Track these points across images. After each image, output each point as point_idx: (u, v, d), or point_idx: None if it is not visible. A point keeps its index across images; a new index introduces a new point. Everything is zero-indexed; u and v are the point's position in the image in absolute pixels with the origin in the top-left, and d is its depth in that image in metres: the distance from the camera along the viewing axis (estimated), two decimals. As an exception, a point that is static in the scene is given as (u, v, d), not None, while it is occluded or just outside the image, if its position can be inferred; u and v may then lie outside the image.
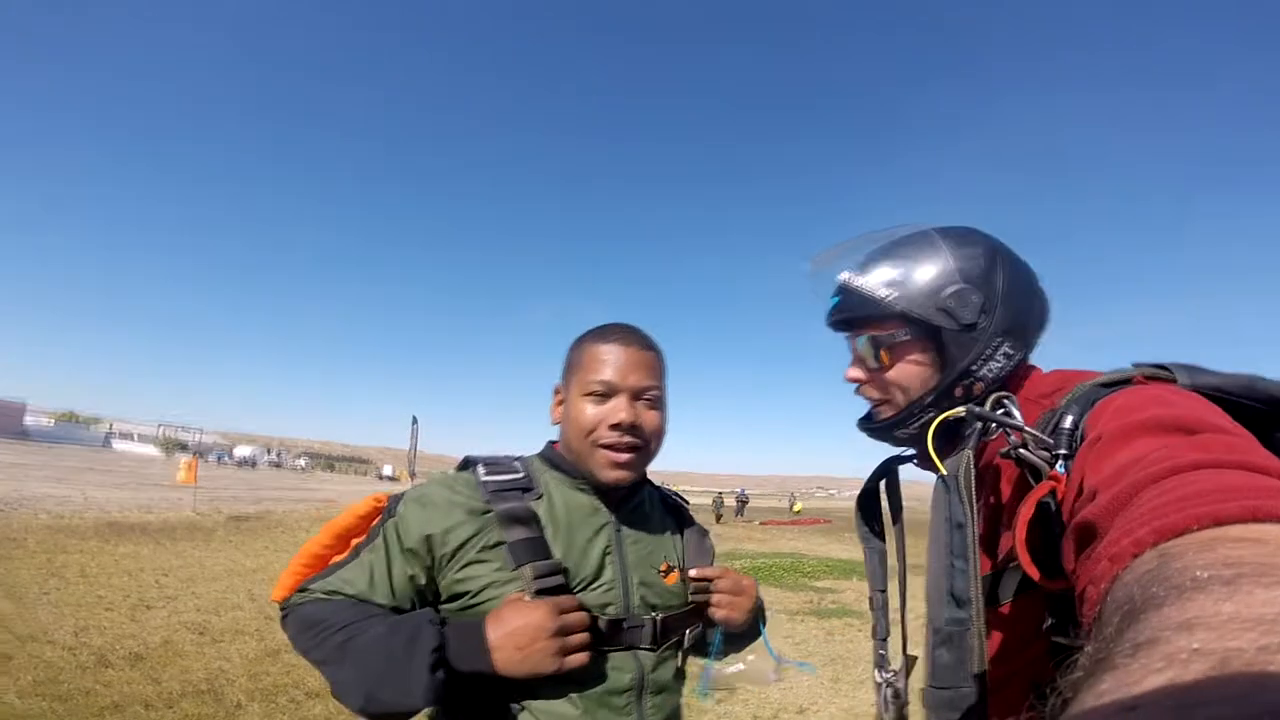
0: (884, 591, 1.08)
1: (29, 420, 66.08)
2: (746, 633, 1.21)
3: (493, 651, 0.92)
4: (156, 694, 3.39)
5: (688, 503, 1.34)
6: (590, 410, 1.06)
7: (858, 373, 0.99)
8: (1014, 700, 0.76)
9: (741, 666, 1.23)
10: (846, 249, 1.00)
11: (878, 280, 0.92)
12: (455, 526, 1.00)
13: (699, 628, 1.16)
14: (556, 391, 1.16)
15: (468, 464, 1.12)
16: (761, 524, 27.57)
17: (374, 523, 1.07)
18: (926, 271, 0.90)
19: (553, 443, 1.17)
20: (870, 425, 1.02)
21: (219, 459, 70.78)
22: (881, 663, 1.05)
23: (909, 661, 1.05)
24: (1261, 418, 0.68)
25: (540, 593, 0.98)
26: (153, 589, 6.10)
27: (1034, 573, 0.67)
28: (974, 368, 0.89)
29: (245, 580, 7.07)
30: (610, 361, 1.08)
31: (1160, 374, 0.75)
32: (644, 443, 1.09)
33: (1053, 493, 0.69)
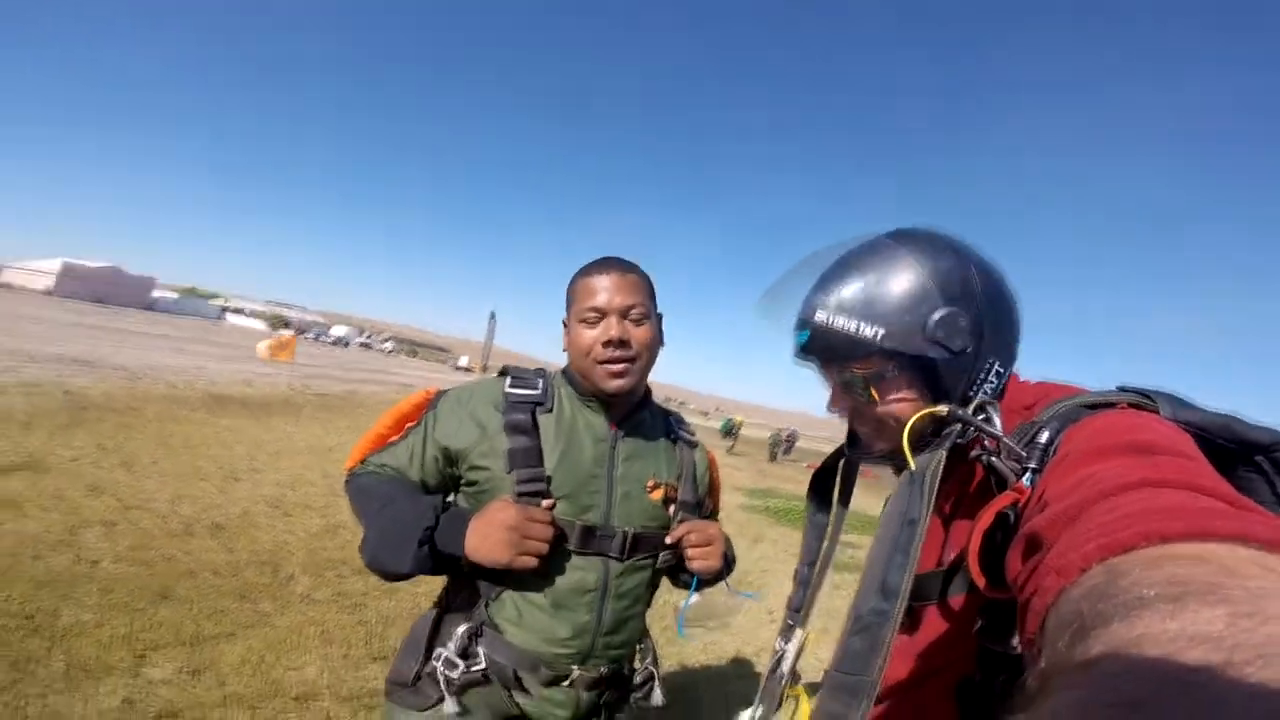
0: (811, 565, 1.12)
1: (156, 294, 72.50)
2: (719, 573, 1.35)
3: (465, 537, 1.13)
4: (226, 563, 3.97)
5: (685, 424, 1.50)
6: (587, 333, 1.24)
7: (842, 406, 0.96)
8: (932, 697, 0.83)
9: (696, 598, 1.36)
10: (800, 275, 0.94)
11: (856, 316, 0.85)
12: (470, 437, 1.24)
13: (671, 555, 1.31)
14: (564, 323, 1.32)
15: (504, 373, 1.33)
16: (807, 466, 26.42)
17: (422, 412, 1.30)
18: (906, 296, 0.84)
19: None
20: (862, 454, 1.00)
21: (317, 337, 76.32)
22: (786, 632, 1.10)
23: (803, 638, 1.08)
24: (1233, 456, 0.70)
25: (521, 494, 1.17)
26: (243, 461, 6.82)
27: (981, 581, 0.70)
28: (970, 393, 0.87)
29: (321, 458, 7.81)
30: (597, 289, 1.24)
31: (1144, 402, 0.75)
32: (635, 354, 1.25)
33: (1014, 504, 0.70)
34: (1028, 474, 0.71)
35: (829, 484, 1.13)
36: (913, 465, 0.77)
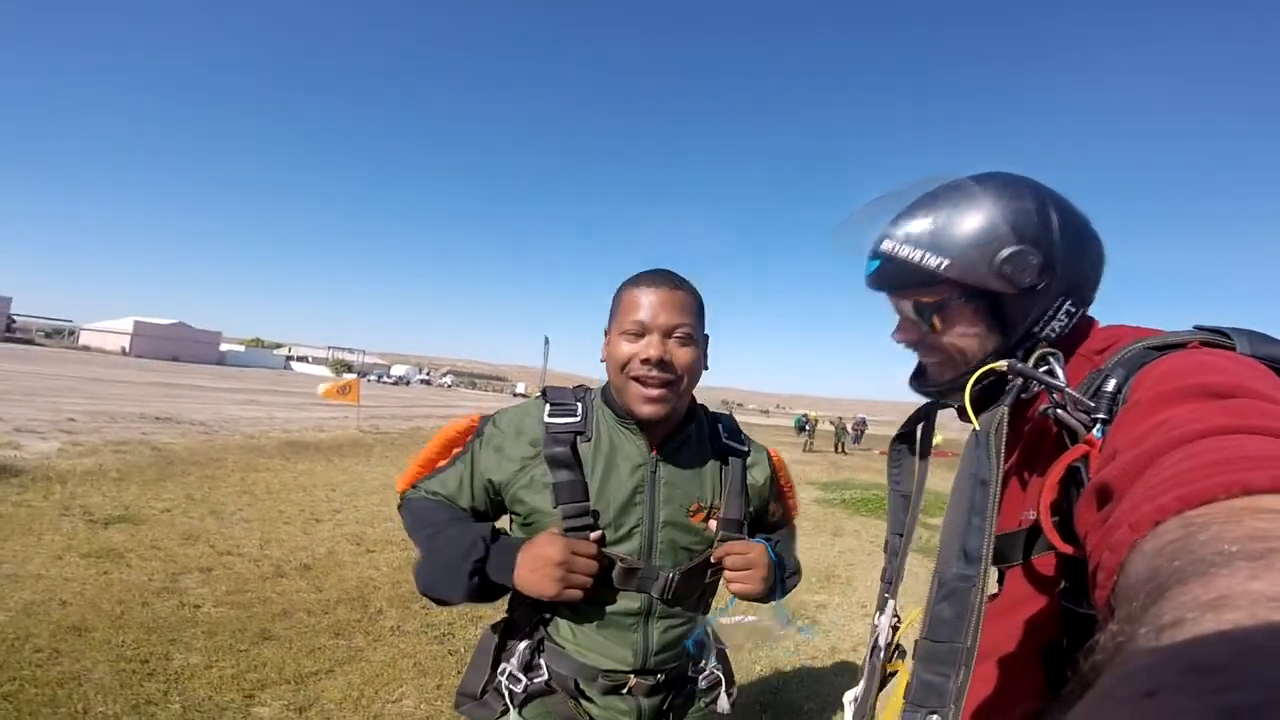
0: (901, 535, 1.09)
1: (224, 347, 76.40)
2: (766, 595, 1.29)
3: (515, 569, 1.14)
4: (317, 601, 4.07)
5: (739, 432, 1.40)
6: (625, 347, 1.19)
7: (907, 335, 0.98)
8: (1019, 662, 0.80)
9: (749, 618, 1.33)
10: (876, 209, 0.95)
11: (923, 247, 0.87)
12: (510, 470, 1.24)
13: (715, 574, 1.28)
14: (605, 332, 1.29)
15: (545, 395, 1.32)
16: (880, 453, 25.94)
17: (468, 439, 1.31)
18: (976, 232, 0.85)
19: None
20: (926, 386, 1.00)
21: (378, 378, 78.95)
22: (883, 606, 1.07)
23: (894, 609, 1.05)
24: None
25: (569, 529, 1.17)
26: (322, 503, 7.03)
27: (1055, 538, 0.68)
28: (1036, 330, 0.86)
29: (396, 494, 7.99)
30: (643, 303, 1.19)
31: (1219, 340, 0.71)
32: (675, 377, 1.19)
33: (1085, 458, 0.68)
34: (1098, 425, 0.68)
35: (909, 451, 1.10)
36: (976, 424, 0.76)
